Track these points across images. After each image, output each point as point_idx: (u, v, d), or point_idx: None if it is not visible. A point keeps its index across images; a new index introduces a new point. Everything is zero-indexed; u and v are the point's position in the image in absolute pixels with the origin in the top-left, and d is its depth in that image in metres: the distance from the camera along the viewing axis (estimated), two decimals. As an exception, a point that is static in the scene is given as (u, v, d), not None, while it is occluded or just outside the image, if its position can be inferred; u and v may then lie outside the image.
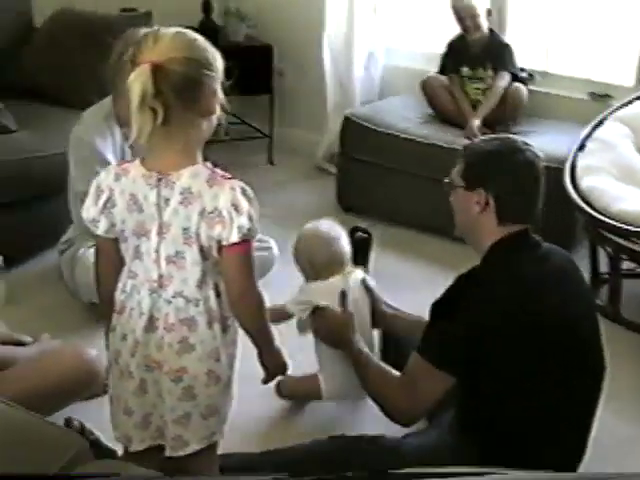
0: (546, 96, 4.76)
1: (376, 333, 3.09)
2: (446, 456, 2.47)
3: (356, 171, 4.71)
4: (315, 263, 2.98)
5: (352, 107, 5.03)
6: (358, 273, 3.04)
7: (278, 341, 2.34)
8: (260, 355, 2.31)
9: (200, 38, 2.06)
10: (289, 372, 2.45)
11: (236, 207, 2.03)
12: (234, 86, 2.15)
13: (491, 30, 4.62)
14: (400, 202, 4.49)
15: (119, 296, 2.21)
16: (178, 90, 1.98)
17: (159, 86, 1.95)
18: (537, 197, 2.47)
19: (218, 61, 2.08)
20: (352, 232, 3.69)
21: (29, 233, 3.91)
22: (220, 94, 2.10)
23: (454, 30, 4.69)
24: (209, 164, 2.12)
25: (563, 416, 2.44)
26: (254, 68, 5.30)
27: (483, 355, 2.36)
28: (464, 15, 4.56)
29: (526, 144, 2.50)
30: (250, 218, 2.05)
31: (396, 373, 2.60)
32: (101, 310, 2.33)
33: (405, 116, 4.72)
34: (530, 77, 4.82)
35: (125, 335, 2.20)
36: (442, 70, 4.76)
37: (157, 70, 1.95)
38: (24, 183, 3.90)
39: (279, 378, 2.69)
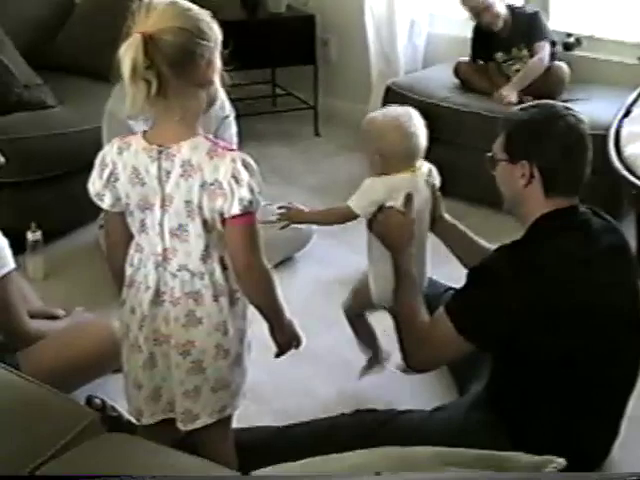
0: (594, 62, 4.65)
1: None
2: (473, 434, 2.42)
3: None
4: (387, 155, 2.65)
5: (396, 77, 4.97)
6: (424, 167, 2.77)
7: (288, 313, 2.31)
8: (271, 329, 2.28)
9: (194, 8, 2.04)
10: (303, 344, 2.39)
11: (236, 179, 2.01)
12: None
13: (511, 7, 4.48)
14: (443, 172, 4.41)
15: (128, 269, 2.21)
16: (171, 60, 1.96)
17: (152, 57, 1.94)
18: (584, 164, 2.37)
19: (214, 31, 2.05)
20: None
21: (68, 208, 3.94)
22: (218, 64, 2.07)
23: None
24: (210, 136, 2.09)
25: (596, 397, 2.38)
26: (297, 38, 5.29)
27: (514, 330, 2.30)
28: (479, 10, 4.41)
29: (567, 108, 2.41)
30: (251, 190, 2.02)
31: (426, 318, 2.51)
32: (115, 283, 2.33)
33: (446, 85, 4.65)
34: (577, 42, 4.72)
35: (134, 309, 2.20)
36: (474, 55, 4.62)
37: (149, 41, 1.93)
38: (63, 158, 3.94)
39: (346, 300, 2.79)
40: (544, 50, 4.39)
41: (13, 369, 2.28)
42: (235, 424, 2.60)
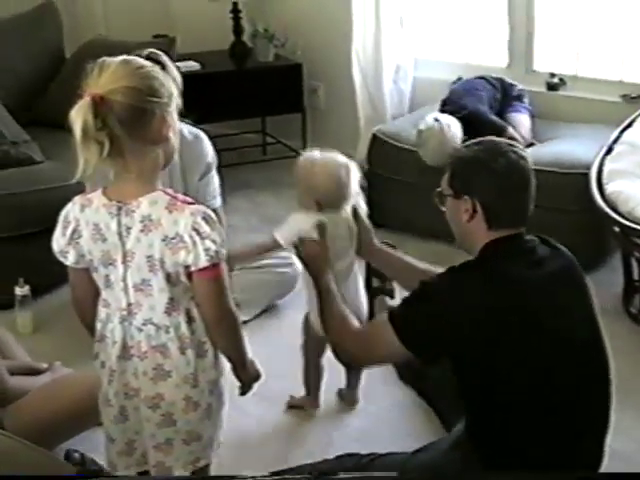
0: (578, 100, 4.69)
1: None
2: (453, 475, 2.43)
3: (385, 187, 4.67)
4: (322, 202, 2.84)
5: (383, 121, 5.01)
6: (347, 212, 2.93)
7: (250, 353, 2.34)
8: (234, 369, 2.30)
9: (147, 65, 2.05)
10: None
11: (198, 231, 2.02)
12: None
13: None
14: (430, 217, 4.39)
15: (98, 324, 2.23)
16: (123, 120, 1.97)
17: (103, 118, 1.95)
18: (526, 199, 2.40)
19: (167, 88, 2.07)
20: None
21: (56, 262, 3.94)
22: (173, 120, 2.09)
23: (480, 39, 4.61)
24: (170, 190, 2.11)
25: (568, 426, 2.36)
26: (285, 87, 5.35)
27: (458, 349, 2.32)
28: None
29: (510, 145, 2.43)
30: (214, 242, 2.04)
31: (356, 322, 2.60)
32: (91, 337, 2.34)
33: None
34: (561, 82, 4.76)
35: (104, 363, 2.23)
36: None
37: (99, 102, 1.95)
38: (50, 213, 3.92)
39: None
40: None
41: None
42: (222, 473, 2.61)
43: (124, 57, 2.04)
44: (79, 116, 1.95)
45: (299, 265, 3.98)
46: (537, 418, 2.34)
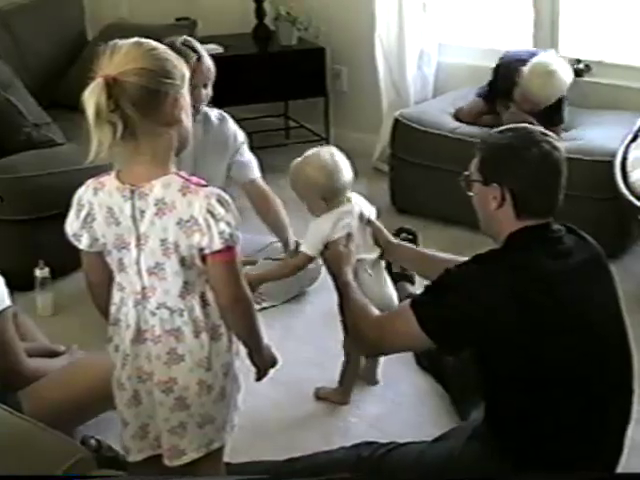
0: (603, 87, 4.65)
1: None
2: (473, 465, 2.42)
3: (408, 172, 4.66)
4: (328, 196, 2.90)
5: (407, 106, 4.99)
6: (355, 202, 2.97)
7: (266, 339, 2.32)
8: (250, 354, 2.29)
9: (160, 47, 2.04)
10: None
11: (212, 214, 2.01)
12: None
13: None
14: (453, 202, 4.38)
15: (112, 308, 2.22)
16: (136, 102, 1.96)
17: (116, 99, 1.95)
18: (556, 191, 2.36)
19: (179, 69, 2.06)
20: (397, 233, 3.66)
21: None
22: (185, 102, 2.08)
23: (505, 24, 4.57)
24: (183, 173, 2.10)
25: (588, 417, 2.34)
26: (308, 71, 5.34)
27: (479, 338, 2.30)
28: (535, 105, 4.25)
29: (544, 134, 2.38)
30: (229, 224, 2.03)
31: (376, 311, 2.60)
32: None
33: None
34: (587, 68, 4.71)
35: (117, 347, 2.22)
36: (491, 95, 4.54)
37: (112, 83, 1.94)
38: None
39: None
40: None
41: (8, 407, 2.30)
42: (238, 458, 2.61)
43: (137, 39, 2.03)
44: (92, 97, 1.94)
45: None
46: (557, 408, 2.32)
